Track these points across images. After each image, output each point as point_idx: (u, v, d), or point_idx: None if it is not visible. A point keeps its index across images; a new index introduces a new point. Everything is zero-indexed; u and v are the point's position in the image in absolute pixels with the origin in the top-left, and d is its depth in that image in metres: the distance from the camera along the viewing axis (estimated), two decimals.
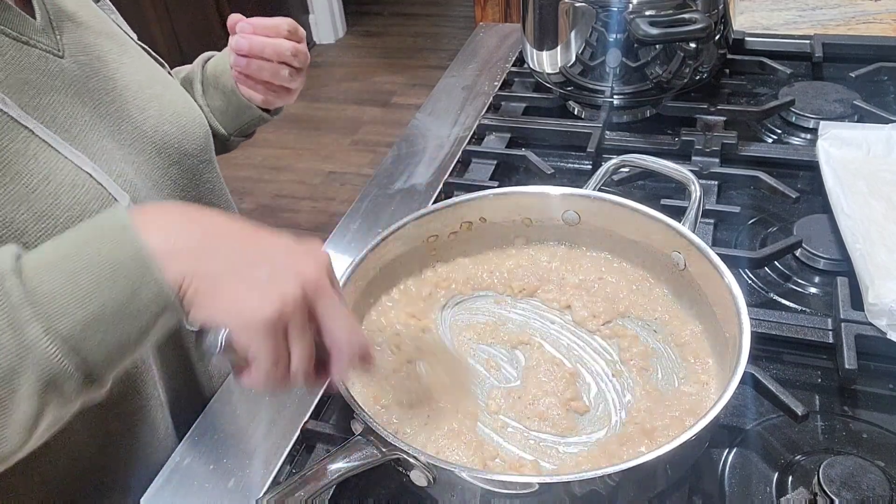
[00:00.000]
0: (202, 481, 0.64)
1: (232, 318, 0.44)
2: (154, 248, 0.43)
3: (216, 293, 0.43)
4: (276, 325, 0.43)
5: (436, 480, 0.52)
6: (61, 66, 0.64)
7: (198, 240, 0.45)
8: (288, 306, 0.43)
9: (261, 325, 0.43)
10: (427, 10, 4.28)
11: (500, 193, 0.76)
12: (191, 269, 0.43)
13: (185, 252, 0.44)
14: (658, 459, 0.50)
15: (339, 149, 3.13)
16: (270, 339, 0.43)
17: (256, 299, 0.43)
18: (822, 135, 0.92)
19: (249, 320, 0.43)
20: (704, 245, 0.65)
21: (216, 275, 0.43)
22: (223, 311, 0.43)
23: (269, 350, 0.44)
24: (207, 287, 0.43)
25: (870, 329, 0.69)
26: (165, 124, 0.73)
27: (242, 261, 0.45)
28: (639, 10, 0.94)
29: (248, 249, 0.46)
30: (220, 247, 0.45)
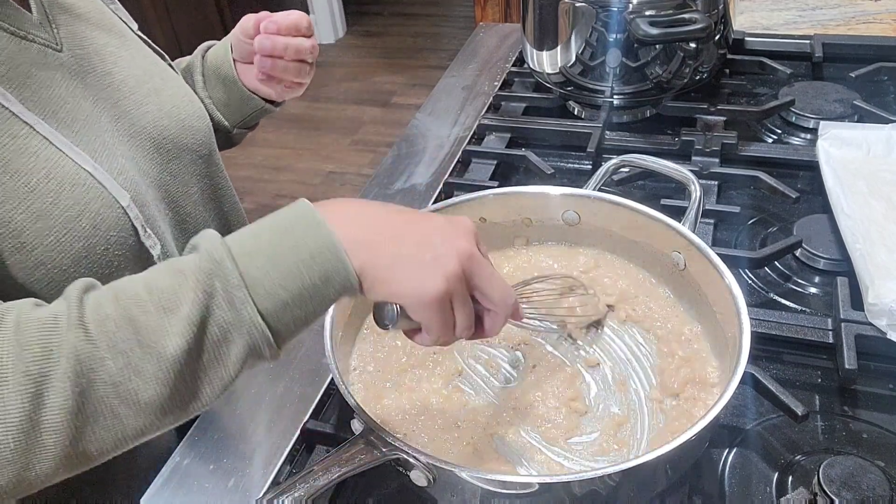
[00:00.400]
0: (202, 481, 0.64)
1: (406, 297, 0.49)
2: (344, 239, 0.48)
3: (391, 278, 0.49)
4: (443, 299, 0.49)
5: (436, 480, 0.52)
6: (60, 59, 0.63)
7: (371, 231, 0.50)
8: (451, 281, 0.49)
9: (432, 301, 0.49)
10: (427, 10, 4.28)
11: (500, 193, 0.76)
12: (369, 259, 0.49)
13: (364, 243, 0.49)
14: (658, 459, 0.50)
15: (339, 149, 3.13)
16: (440, 311, 0.49)
17: (427, 280, 0.49)
18: (822, 135, 0.92)
19: (422, 298, 0.49)
20: (704, 245, 0.65)
21: (389, 262, 0.49)
22: (399, 293, 0.49)
23: (439, 320, 0.50)
24: (383, 272, 0.49)
25: (870, 329, 0.69)
26: (164, 119, 0.72)
27: (408, 246, 0.50)
28: (639, 10, 0.94)
29: (409, 234, 0.51)
30: (389, 236, 0.50)
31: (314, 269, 0.47)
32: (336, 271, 0.48)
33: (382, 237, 0.50)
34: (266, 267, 0.47)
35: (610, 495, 0.52)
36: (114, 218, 0.60)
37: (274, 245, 0.48)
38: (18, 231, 0.54)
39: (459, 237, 0.51)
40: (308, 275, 0.47)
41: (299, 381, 0.72)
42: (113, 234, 0.60)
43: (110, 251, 0.60)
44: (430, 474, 0.52)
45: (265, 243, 0.48)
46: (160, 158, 0.71)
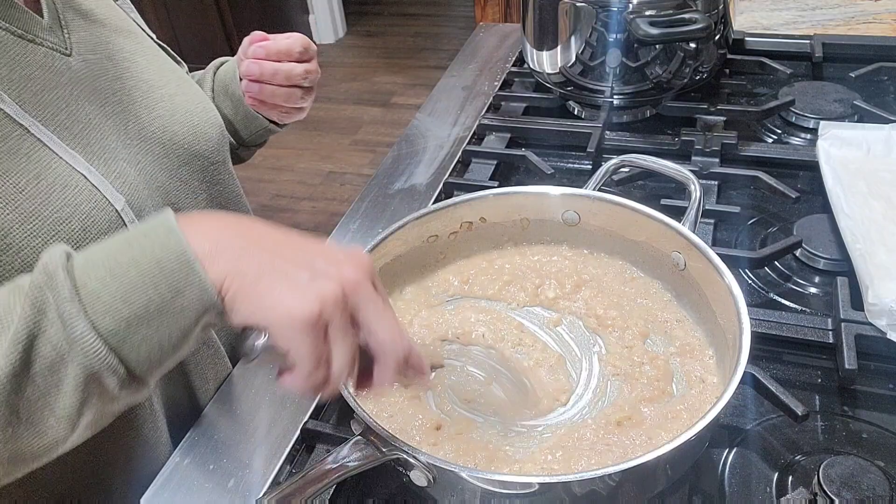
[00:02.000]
0: (202, 481, 0.64)
1: (271, 318, 0.44)
2: (197, 250, 0.43)
3: (256, 293, 0.44)
4: (315, 325, 0.43)
5: (436, 480, 0.52)
6: (68, 64, 0.64)
7: (239, 242, 0.45)
8: (327, 305, 0.43)
9: (299, 324, 0.43)
10: (427, 10, 4.28)
11: (500, 193, 0.76)
12: (232, 270, 0.44)
13: (226, 253, 0.44)
14: (658, 459, 0.50)
15: (339, 149, 3.13)
16: (310, 339, 0.43)
17: (296, 298, 0.43)
18: (822, 135, 0.92)
19: (288, 319, 0.43)
20: (704, 245, 0.65)
21: (256, 275, 0.44)
22: (263, 310, 0.44)
23: (308, 350, 0.44)
24: (248, 287, 0.44)
25: (870, 329, 0.69)
26: (175, 125, 0.72)
27: (282, 262, 0.45)
28: (639, 10, 0.94)
29: (287, 252, 0.46)
30: (261, 249, 0.45)
31: (162, 282, 0.42)
32: (188, 282, 0.42)
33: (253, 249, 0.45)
34: (105, 279, 0.42)
35: (610, 495, 0.52)
36: (106, 221, 0.60)
37: (118, 255, 0.43)
38: (5, 232, 0.54)
39: (349, 265, 0.46)
40: (155, 288, 0.42)
41: None
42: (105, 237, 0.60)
43: None
44: (430, 474, 0.52)
45: (109, 253, 0.43)
46: (169, 164, 0.71)
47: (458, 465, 0.54)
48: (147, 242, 0.43)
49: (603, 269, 0.75)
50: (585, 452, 0.59)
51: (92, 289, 0.42)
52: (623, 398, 0.63)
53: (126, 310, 0.42)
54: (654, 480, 0.56)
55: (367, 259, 0.48)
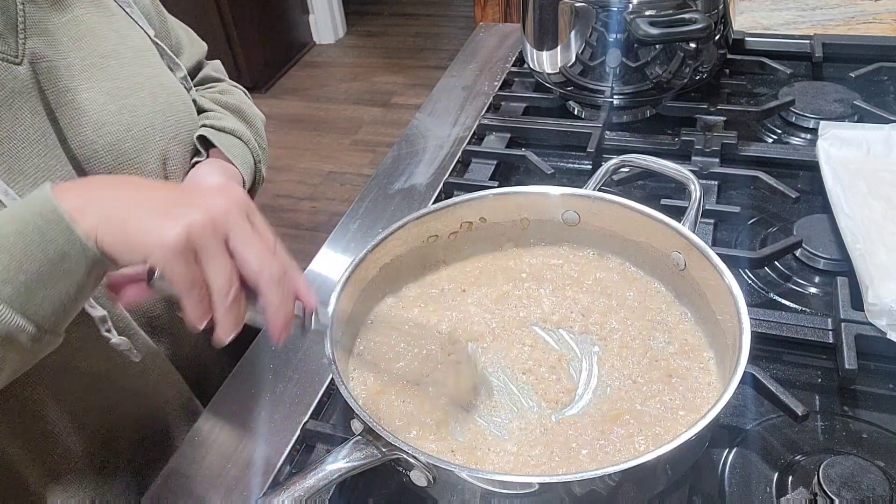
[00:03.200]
0: (202, 481, 0.64)
1: (145, 250, 0.46)
2: (68, 207, 0.46)
3: (128, 231, 0.46)
4: (184, 248, 0.45)
5: (436, 480, 0.52)
6: (14, 73, 0.61)
7: (108, 193, 0.48)
8: (194, 228, 0.45)
9: (169, 249, 0.45)
10: (427, 10, 4.28)
11: (500, 193, 0.76)
12: (103, 217, 0.47)
13: (96, 204, 0.47)
14: (658, 459, 0.50)
15: (339, 149, 3.13)
16: (181, 263, 0.45)
17: (163, 227, 0.45)
18: (822, 135, 0.92)
19: (159, 246, 0.45)
20: (704, 245, 0.65)
21: (126, 216, 0.47)
22: (137, 245, 0.46)
23: (181, 272, 0.46)
24: (120, 228, 0.47)
25: (870, 329, 0.69)
26: (127, 142, 0.69)
27: (150, 201, 0.47)
28: (639, 10, 0.94)
29: (157, 193, 0.48)
30: (130, 194, 0.48)
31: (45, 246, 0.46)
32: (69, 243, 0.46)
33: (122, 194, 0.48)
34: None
35: (610, 495, 0.52)
36: None
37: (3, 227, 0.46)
38: None
39: (218, 197, 0.48)
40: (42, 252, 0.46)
41: (299, 381, 0.72)
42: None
43: None
44: (430, 474, 0.52)
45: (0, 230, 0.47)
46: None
47: (458, 465, 0.54)
48: (27, 214, 0.46)
49: (603, 270, 0.75)
50: (585, 452, 0.59)
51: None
52: (623, 398, 0.63)
53: (22, 276, 0.46)
54: (654, 480, 0.56)
55: (238, 192, 0.49)
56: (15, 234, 0.46)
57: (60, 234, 0.46)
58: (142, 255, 0.46)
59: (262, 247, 0.48)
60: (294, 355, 0.75)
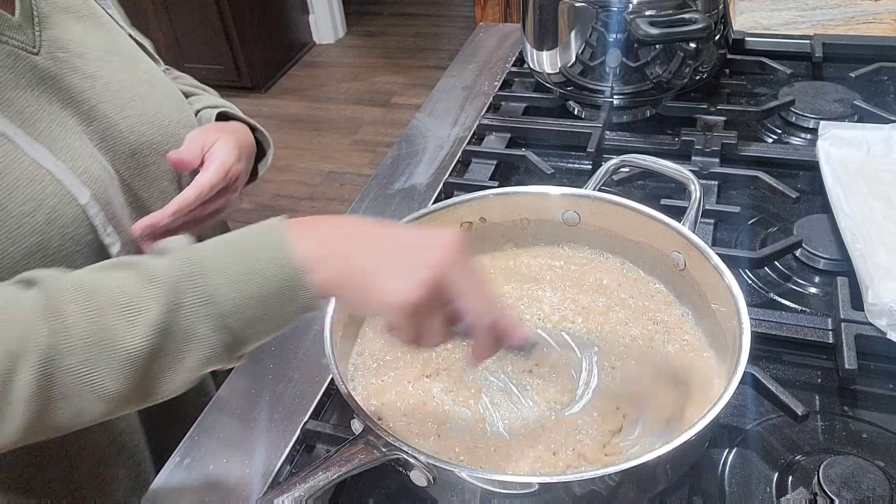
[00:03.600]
0: (202, 481, 0.64)
1: (381, 309, 0.50)
2: (308, 258, 0.49)
3: (364, 289, 0.50)
4: (413, 311, 0.49)
5: (436, 480, 0.52)
6: (34, 62, 0.64)
7: (346, 245, 0.51)
8: (423, 292, 0.48)
9: (401, 313, 0.49)
10: (427, 10, 4.28)
11: (500, 193, 0.76)
12: (341, 274, 0.50)
13: (335, 258, 0.50)
14: (658, 459, 0.50)
15: (339, 149, 3.13)
16: (411, 322, 0.49)
17: (399, 291, 0.49)
18: (822, 135, 0.92)
19: (392, 311, 0.49)
20: (704, 245, 0.65)
21: (363, 274, 0.50)
22: (372, 303, 0.50)
23: (410, 330, 0.50)
24: (357, 285, 0.50)
25: (870, 329, 0.69)
26: (144, 125, 0.72)
27: (386, 258, 0.50)
28: (639, 10, 0.94)
29: (388, 245, 0.51)
30: (363, 247, 0.51)
31: (274, 294, 0.49)
32: (297, 296, 0.49)
33: (356, 248, 0.51)
34: (232, 286, 0.49)
35: (610, 495, 0.52)
36: (71, 215, 0.61)
37: (241, 264, 0.49)
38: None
39: (439, 247, 0.51)
40: (268, 299, 0.49)
41: (299, 381, 0.72)
42: (69, 231, 0.61)
43: (65, 246, 0.61)
44: (430, 474, 0.52)
45: (234, 262, 0.49)
46: (134, 163, 0.71)
47: (458, 465, 0.54)
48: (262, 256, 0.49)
49: (603, 270, 0.75)
50: (585, 451, 0.59)
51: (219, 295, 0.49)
52: (623, 398, 0.63)
53: (248, 311, 0.49)
54: (654, 480, 0.56)
55: (457, 236, 0.52)
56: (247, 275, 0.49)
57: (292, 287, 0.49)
58: (376, 311, 0.51)
59: (479, 296, 0.52)
60: (294, 355, 0.75)
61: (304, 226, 0.52)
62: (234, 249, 0.50)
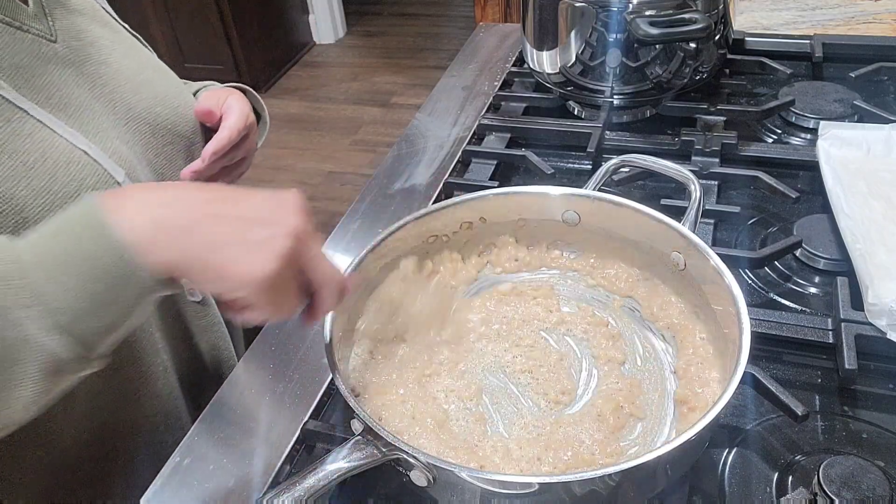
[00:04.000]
0: (202, 481, 0.64)
1: (236, 285, 0.47)
2: (133, 239, 0.45)
3: (213, 266, 0.46)
4: (274, 283, 0.47)
5: (436, 480, 0.52)
6: (55, 50, 0.65)
7: (179, 219, 0.47)
8: (283, 262, 0.47)
9: (261, 287, 0.47)
10: (427, 10, 4.28)
11: (500, 193, 0.76)
12: (179, 252, 0.46)
13: (168, 236, 0.46)
14: (658, 459, 0.50)
15: (339, 149, 3.13)
16: (271, 293, 0.47)
17: (256, 262, 0.46)
18: (822, 135, 0.92)
19: (253, 283, 0.46)
20: (704, 245, 0.65)
21: (207, 250, 0.46)
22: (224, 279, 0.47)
23: (270, 302, 0.48)
24: (202, 263, 0.46)
25: (870, 329, 0.69)
26: (158, 106, 0.74)
27: (229, 229, 0.47)
28: (639, 10, 0.94)
29: (230, 213, 0.48)
30: (204, 220, 0.47)
31: (102, 279, 0.45)
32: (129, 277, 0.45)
33: (195, 221, 0.46)
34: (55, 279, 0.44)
35: (610, 495, 0.52)
36: None
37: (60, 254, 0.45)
38: (20, 207, 0.57)
39: (291, 214, 0.49)
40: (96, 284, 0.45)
41: (299, 381, 0.72)
42: None
43: None
44: (430, 474, 0.52)
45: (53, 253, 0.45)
46: (155, 143, 0.73)
47: (458, 465, 0.54)
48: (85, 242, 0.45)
49: (603, 270, 0.75)
50: (585, 451, 0.59)
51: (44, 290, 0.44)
52: (623, 398, 0.63)
53: (77, 304, 0.45)
54: (654, 480, 0.56)
55: (301, 200, 0.51)
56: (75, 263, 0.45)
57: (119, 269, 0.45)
58: (230, 289, 0.47)
59: (325, 260, 0.52)
60: (294, 355, 0.75)
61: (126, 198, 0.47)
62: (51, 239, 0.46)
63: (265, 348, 0.77)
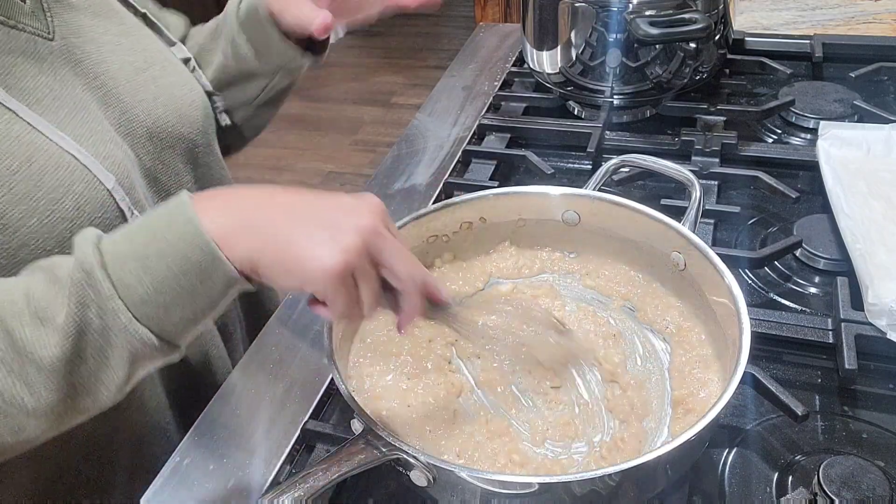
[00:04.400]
0: (202, 481, 0.64)
1: (305, 279, 0.48)
2: (218, 234, 0.47)
3: (285, 261, 0.48)
4: (343, 276, 0.48)
5: (436, 480, 0.52)
6: (50, 48, 0.64)
7: (258, 216, 0.49)
8: (351, 256, 0.48)
9: (330, 279, 0.47)
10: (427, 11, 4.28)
11: (500, 193, 0.76)
12: (256, 246, 0.48)
13: (248, 231, 0.48)
14: (658, 459, 0.50)
15: (339, 149, 3.13)
16: (341, 288, 0.48)
17: (323, 258, 0.47)
18: (822, 135, 0.92)
19: (320, 276, 0.47)
20: (704, 245, 0.65)
21: (282, 245, 0.48)
22: (295, 274, 0.48)
23: (341, 297, 0.49)
24: (276, 257, 0.48)
25: (870, 329, 0.69)
26: (159, 108, 0.72)
27: (302, 226, 0.49)
28: (639, 10, 0.94)
29: (305, 214, 0.50)
30: (281, 218, 0.49)
31: (189, 273, 0.47)
32: (213, 268, 0.47)
33: (272, 219, 0.49)
34: (138, 272, 0.47)
35: (610, 495, 0.52)
36: (99, 199, 0.61)
37: (146, 247, 0.48)
38: (1, 213, 0.55)
39: (362, 214, 0.50)
40: (184, 277, 0.47)
41: (299, 381, 0.72)
42: (98, 216, 0.61)
43: None
44: (430, 474, 0.52)
45: (138, 246, 0.48)
46: (152, 147, 0.72)
47: (458, 465, 0.54)
48: (170, 234, 0.48)
49: (603, 270, 0.75)
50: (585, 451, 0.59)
51: (128, 283, 0.47)
52: (623, 397, 0.63)
53: (160, 298, 0.47)
54: (654, 481, 0.56)
55: (378, 203, 0.52)
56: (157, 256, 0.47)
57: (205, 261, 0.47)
58: (300, 282, 0.49)
59: (406, 257, 0.52)
60: (294, 355, 0.75)
61: (211, 199, 0.50)
62: (138, 233, 0.49)
63: (265, 349, 0.77)
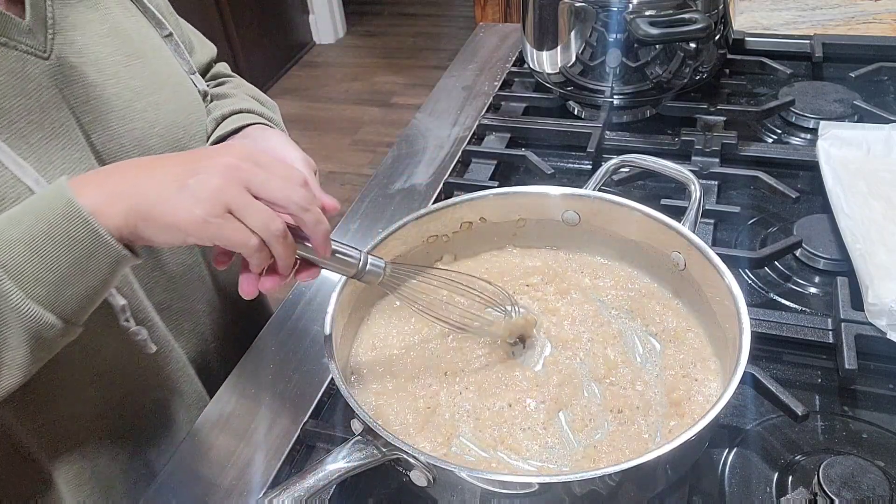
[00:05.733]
0: (202, 481, 0.64)
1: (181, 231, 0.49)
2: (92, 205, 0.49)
3: (157, 217, 0.49)
4: (215, 217, 0.48)
5: (436, 480, 0.52)
6: (41, 68, 0.62)
7: (126, 182, 0.51)
8: (216, 194, 0.48)
9: (203, 224, 0.48)
10: (427, 10, 4.28)
11: (500, 193, 0.76)
12: (127, 209, 0.49)
13: (116, 197, 0.49)
14: (658, 459, 0.50)
15: (339, 149, 3.13)
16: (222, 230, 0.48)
17: (188, 205, 0.48)
18: (822, 135, 0.92)
19: (193, 224, 0.48)
20: (704, 245, 0.65)
21: (150, 202, 0.49)
22: (171, 228, 0.49)
23: (229, 235, 0.49)
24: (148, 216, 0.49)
25: (870, 329, 0.69)
26: (153, 138, 0.70)
27: (166, 180, 0.49)
28: (639, 10, 0.94)
29: (164, 169, 0.50)
30: (144, 176, 0.50)
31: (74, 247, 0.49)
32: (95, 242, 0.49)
33: (138, 180, 0.50)
34: (27, 254, 0.48)
35: (610, 495, 0.52)
36: None
37: (31, 229, 0.49)
38: None
39: (219, 154, 0.50)
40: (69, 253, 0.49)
41: (299, 381, 0.72)
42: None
43: None
44: (430, 474, 0.52)
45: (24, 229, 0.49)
46: None
47: (457, 465, 0.54)
48: (52, 215, 0.49)
49: (602, 269, 0.75)
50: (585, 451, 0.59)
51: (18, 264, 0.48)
52: (623, 397, 0.63)
53: (51, 276, 0.49)
54: (654, 480, 0.56)
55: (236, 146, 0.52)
56: (43, 237, 0.48)
57: (87, 236, 0.48)
58: (181, 235, 0.49)
59: (280, 182, 0.51)
60: (294, 355, 0.75)
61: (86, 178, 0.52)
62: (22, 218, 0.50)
63: (265, 349, 0.77)
